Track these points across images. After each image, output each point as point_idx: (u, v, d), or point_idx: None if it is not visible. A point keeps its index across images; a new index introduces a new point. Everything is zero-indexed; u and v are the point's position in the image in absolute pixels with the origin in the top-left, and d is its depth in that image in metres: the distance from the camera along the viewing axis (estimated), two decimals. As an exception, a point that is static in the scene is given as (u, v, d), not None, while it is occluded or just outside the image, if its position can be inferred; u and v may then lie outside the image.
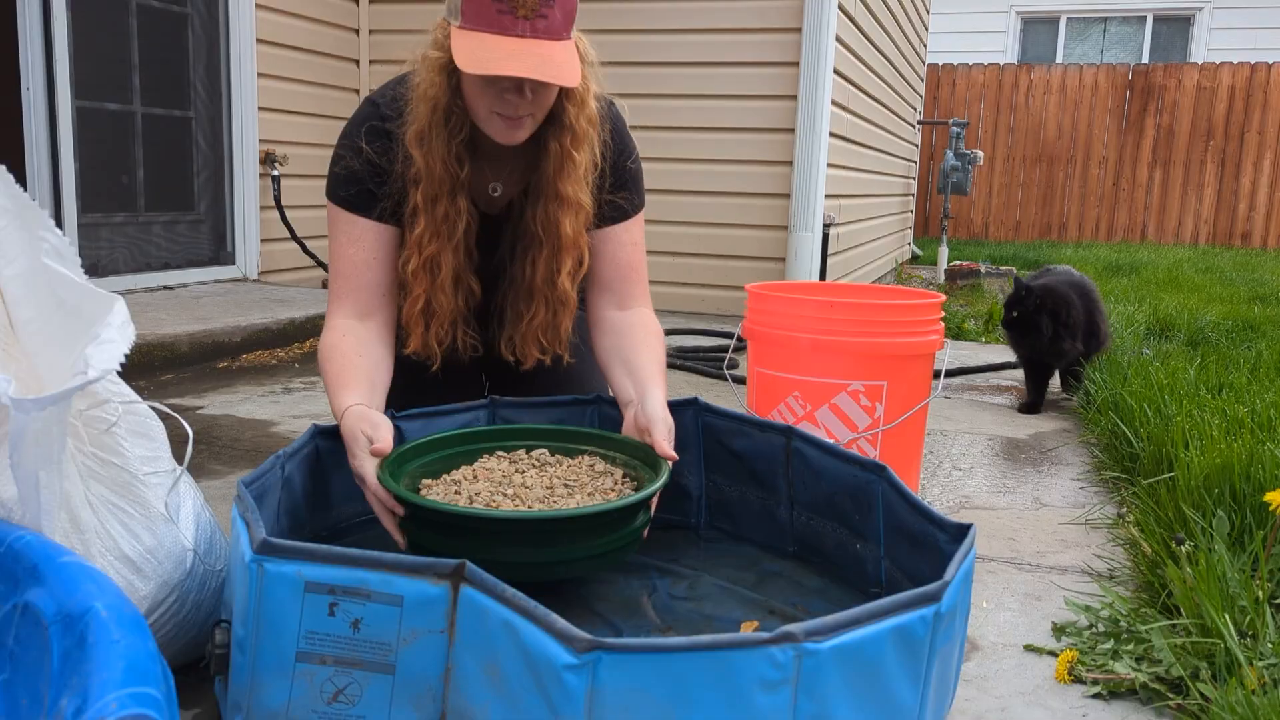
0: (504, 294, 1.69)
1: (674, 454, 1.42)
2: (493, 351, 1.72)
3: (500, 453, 1.53)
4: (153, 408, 1.25)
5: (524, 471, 1.45)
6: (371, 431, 1.37)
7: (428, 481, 1.42)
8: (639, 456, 1.47)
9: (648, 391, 1.52)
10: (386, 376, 1.57)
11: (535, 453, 1.52)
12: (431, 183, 1.54)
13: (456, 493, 1.38)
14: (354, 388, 1.48)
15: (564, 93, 1.55)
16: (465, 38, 1.41)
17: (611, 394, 1.66)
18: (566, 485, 1.41)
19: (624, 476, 1.45)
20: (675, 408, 1.63)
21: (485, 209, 1.67)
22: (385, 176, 1.59)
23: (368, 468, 1.34)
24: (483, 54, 1.39)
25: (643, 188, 1.77)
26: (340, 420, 1.43)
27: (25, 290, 1.12)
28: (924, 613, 0.99)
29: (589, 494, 1.39)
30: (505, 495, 1.36)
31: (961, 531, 1.18)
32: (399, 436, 1.53)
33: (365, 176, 1.59)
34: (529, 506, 1.34)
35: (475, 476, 1.43)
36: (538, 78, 1.39)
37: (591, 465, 1.48)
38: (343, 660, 0.99)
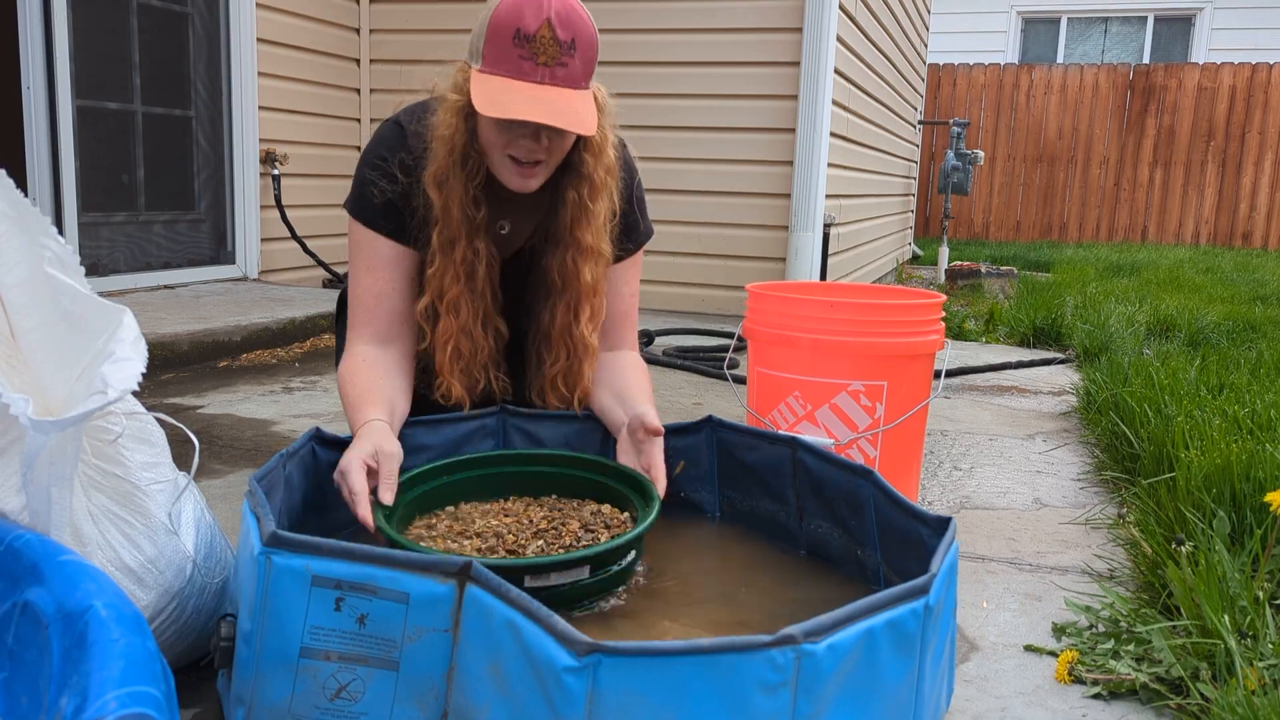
0: (529, 340, 1.71)
1: (659, 425, 1.46)
2: (521, 397, 1.73)
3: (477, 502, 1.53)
4: (156, 418, 1.24)
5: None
6: (379, 461, 1.36)
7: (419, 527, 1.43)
8: (627, 483, 1.50)
9: (639, 407, 1.55)
10: (405, 409, 1.57)
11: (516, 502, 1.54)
12: (449, 225, 1.55)
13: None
14: (376, 406, 1.48)
15: (582, 143, 1.55)
16: (485, 81, 1.42)
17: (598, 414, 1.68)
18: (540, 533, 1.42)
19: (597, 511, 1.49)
20: (690, 429, 1.65)
21: (498, 249, 1.67)
22: (413, 208, 1.61)
23: (361, 495, 1.32)
24: (501, 97, 1.40)
25: (641, 228, 1.78)
26: (358, 429, 1.43)
27: (27, 299, 1.09)
28: (914, 606, 0.99)
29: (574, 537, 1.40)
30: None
31: (943, 525, 1.19)
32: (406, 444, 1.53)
33: (401, 207, 1.60)
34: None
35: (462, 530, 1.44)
36: (554, 124, 1.39)
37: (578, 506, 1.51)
38: (347, 656, 0.99)
